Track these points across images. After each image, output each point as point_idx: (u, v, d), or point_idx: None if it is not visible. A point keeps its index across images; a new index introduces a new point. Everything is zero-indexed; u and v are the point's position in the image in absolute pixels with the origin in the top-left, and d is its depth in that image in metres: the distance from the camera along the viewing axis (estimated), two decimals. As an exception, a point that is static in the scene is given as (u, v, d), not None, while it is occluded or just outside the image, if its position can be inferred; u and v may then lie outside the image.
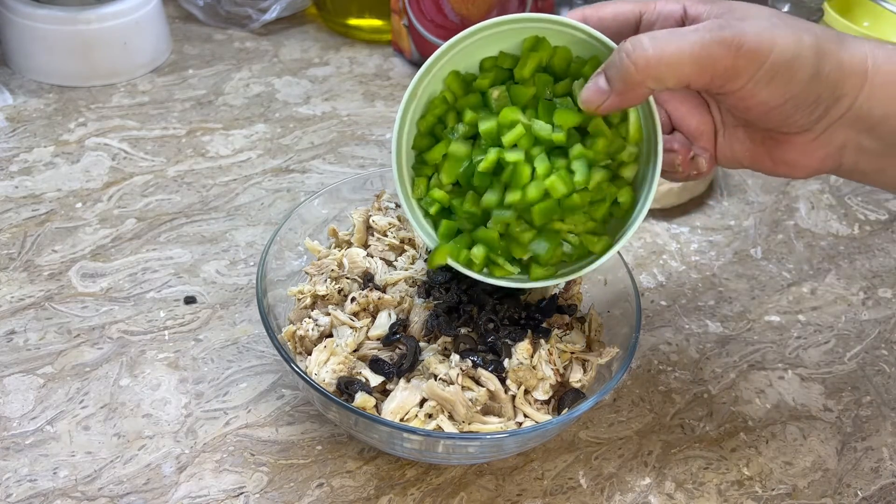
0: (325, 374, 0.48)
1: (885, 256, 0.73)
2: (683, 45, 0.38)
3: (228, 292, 0.62)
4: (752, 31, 0.39)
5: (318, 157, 0.76)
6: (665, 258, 0.69)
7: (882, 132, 0.42)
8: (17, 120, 0.76)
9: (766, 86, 0.40)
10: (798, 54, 0.39)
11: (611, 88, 0.41)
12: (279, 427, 0.53)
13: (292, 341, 0.51)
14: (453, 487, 0.51)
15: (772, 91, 0.40)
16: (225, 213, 0.69)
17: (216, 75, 0.85)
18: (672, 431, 0.56)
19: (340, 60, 0.90)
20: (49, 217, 0.66)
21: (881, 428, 0.58)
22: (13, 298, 0.59)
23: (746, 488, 0.53)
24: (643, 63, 0.39)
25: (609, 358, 0.52)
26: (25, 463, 0.49)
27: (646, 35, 0.39)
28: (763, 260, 0.71)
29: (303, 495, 0.49)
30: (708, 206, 0.76)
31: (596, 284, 0.57)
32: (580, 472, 0.53)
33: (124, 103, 0.80)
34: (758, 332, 0.64)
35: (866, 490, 0.53)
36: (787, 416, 0.58)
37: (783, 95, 0.40)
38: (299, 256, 0.57)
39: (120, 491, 0.48)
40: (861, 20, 0.95)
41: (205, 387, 0.55)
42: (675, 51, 0.38)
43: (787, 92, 0.40)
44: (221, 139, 0.77)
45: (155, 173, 0.72)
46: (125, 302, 0.60)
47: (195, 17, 0.93)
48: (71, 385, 0.54)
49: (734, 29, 0.39)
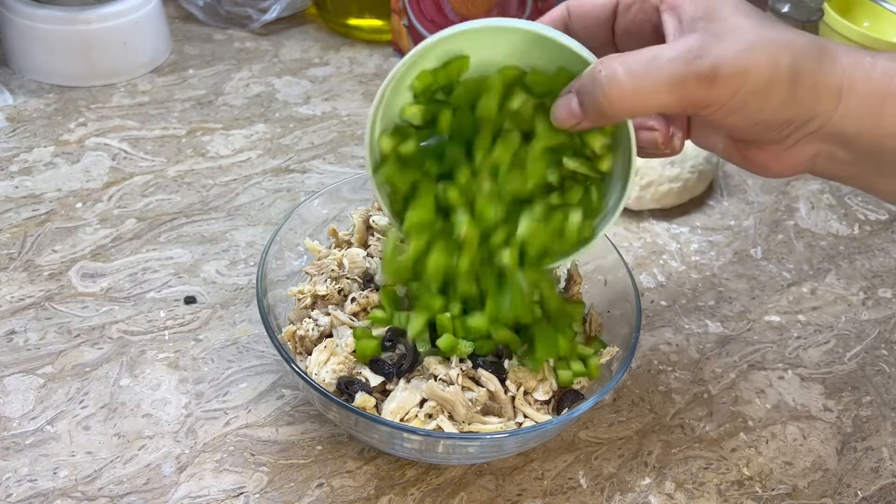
0: (326, 374, 0.48)
1: (885, 256, 0.73)
2: (658, 81, 0.38)
3: (228, 292, 0.62)
4: (728, 56, 0.37)
5: (319, 157, 0.76)
6: (665, 258, 0.69)
7: (855, 147, 0.41)
8: (17, 120, 0.76)
9: (737, 112, 0.39)
10: (772, 81, 0.38)
11: (583, 114, 0.41)
12: (279, 427, 0.53)
13: (292, 341, 0.51)
14: (453, 487, 0.51)
15: (741, 116, 0.39)
16: (225, 213, 0.69)
17: (216, 75, 0.85)
18: (672, 431, 0.56)
19: (340, 60, 0.90)
20: (49, 217, 0.66)
21: (881, 428, 0.58)
22: (13, 298, 0.59)
23: (746, 488, 0.53)
24: (617, 100, 0.38)
25: (609, 358, 0.52)
26: (25, 463, 0.49)
27: (620, 64, 0.38)
28: (763, 260, 0.71)
29: (303, 495, 0.49)
30: (708, 206, 0.76)
31: (596, 284, 0.57)
32: (580, 472, 0.53)
33: (124, 103, 0.80)
34: (758, 332, 0.64)
35: (866, 490, 0.53)
36: (787, 416, 0.58)
37: (753, 120, 0.40)
38: (299, 256, 0.57)
39: (120, 491, 0.48)
40: (861, 20, 0.95)
41: (205, 387, 0.55)
42: (650, 88, 0.38)
43: (757, 117, 0.40)
44: (221, 139, 0.77)
45: (155, 173, 0.72)
46: (125, 302, 0.60)
47: (195, 17, 0.93)
48: (71, 385, 0.54)
49: (710, 57, 0.37)
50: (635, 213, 0.73)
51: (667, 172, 0.71)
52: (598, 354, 0.52)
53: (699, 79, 0.37)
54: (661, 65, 0.38)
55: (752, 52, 0.38)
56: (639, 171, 0.68)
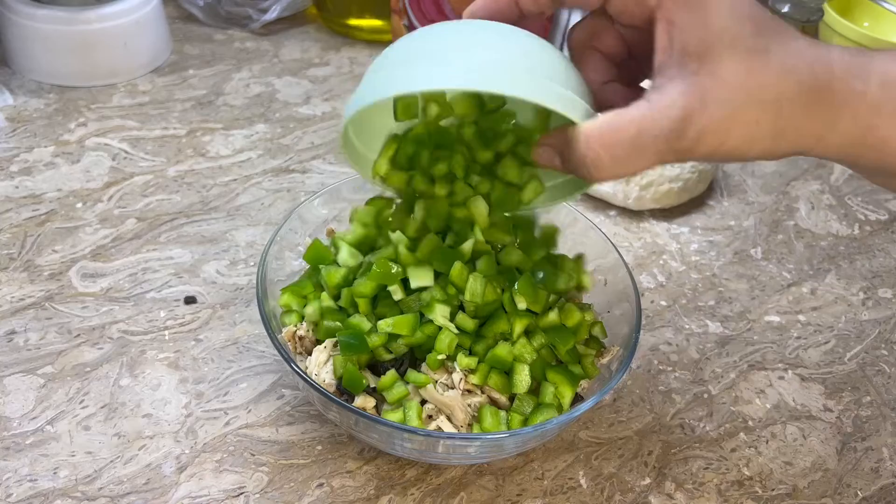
0: (326, 374, 0.48)
1: (885, 256, 0.73)
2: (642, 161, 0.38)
3: (228, 292, 0.62)
4: (711, 125, 0.37)
5: (319, 158, 0.76)
6: (665, 258, 0.69)
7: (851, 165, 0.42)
8: (18, 120, 0.76)
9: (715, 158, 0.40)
10: (749, 150, 0.38)
11: (564, 169, 0.41)
12: (279, 427, 0.53)
13: (292, 341, 0.51)
14: (453, 487, 0.51)
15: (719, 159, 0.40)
16: (225, 213, 0.69)
17: (216, 75, 0.85)
18: (672, 431, 0.56)
19: (341, 60, 0.90)
20: (49, 217, 0.66)
21: (881, 428, 0.58)
22: (13, 298, 0.59)
23: (746, 488, 0.53)
24: (599, 175, 0.39)
25: (609, 358, 0.52)
26: (26, 463, 0.49)
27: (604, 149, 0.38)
28: (763, 260, 0.71)
29: (303, 495, 0.49)
30: (708, 207, 0.76)
31: (596, 284, 0.57)
32: (580, 472, 0.53)
33: (125, 103, 0.80)
34: (758, 332, 0.64)
35: (866, 490, 0.54)
36: (787, 416, 0.58)
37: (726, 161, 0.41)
38: (299, 256, 0.57)
39: (120, 491, 0.48)
40: (861, 20, 0.95)
41: (205, 387, 0.55)
42: (633, 166, 0.38)
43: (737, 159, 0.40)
44: (222, 139, 0.77)
45: (155, 173, 0.72)
46: (125, 302, 0.60)
47: (195, 17, 0.93)
48: (71, 385, 0.54)
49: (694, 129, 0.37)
50: (635, 213, 0.73)
51: (667, 172, 0.71)
52: (600, 354, 0.52)
53: (681, 152, 0.38)
54: (645, 144, 0.38)
55: (735, 118, 0.37)
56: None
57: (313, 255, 0.53)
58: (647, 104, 0.38)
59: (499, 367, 0.48)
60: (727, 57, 0.37)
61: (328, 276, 0.51)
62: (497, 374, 0.48)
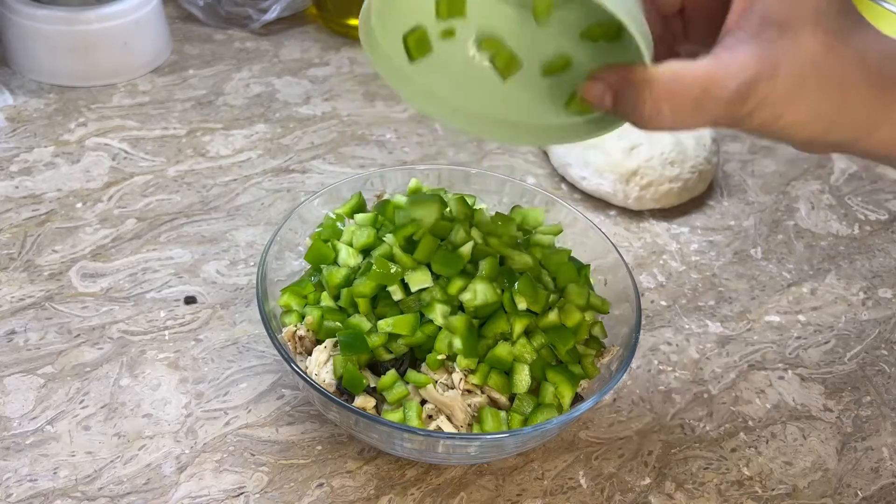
0: (326, 374, 0.48)
1: (885, 256, 0.73)
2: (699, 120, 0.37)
3: (228, 292, 0.62)
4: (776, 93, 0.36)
5: (319, 158, 0.76)
6: (665, 258, 0.69)
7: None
8: (18, 120, 0.76)
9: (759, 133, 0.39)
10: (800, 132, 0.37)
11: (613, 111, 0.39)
12: (279, 427, 0.53)
13: (292, 341, 0.51)
14: (453, 487, 0.51)
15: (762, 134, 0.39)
16: (225, 213, 0.69)
17: (216, 75, 0.85)
18: (672, 431, 0.56)
19: (340, 60, 0.90)
20: (49, 217, 0.66)
21: (881, 428, 0.58)
22: (13, 298, 0.59)
23: (746, 488, 0.53)
24: (653, 126, 0.37)
25: (609, 358, 0.52)
26: (26, 463, 0.49)
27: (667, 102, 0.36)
28: (763, 260, 0.71)
29: (303, 495, 0.49)
30: (708, 207, 0.76)
31: (596, 284, 0.57)
32: (580, 472, 0.53)
33: (124, 103, 0.80)
34: (758, 332, 0.64)
35: (866, 490, 0.54)
36: (787, 416, 0.58)
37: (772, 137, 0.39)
38: (299, 256, 0.57)
39: (120, 491, 0.48)
40: (861, 20, 0.95)
41: (205, 387, 0.55)
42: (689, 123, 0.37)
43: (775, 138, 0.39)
44: (221, 139, 0.77)
45: (155, 173, 0.72)
46: (125, 302, 0.60)
47: (195, 17, 0.93)
48: (71, 385, 0.54)
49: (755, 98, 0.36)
50: (635, 213, 0.73)
51: (667, 172, 0.71)
52: (600, 354, 0.52)
53: (736, 119, 0.37)
54: (707, 104, 0.36)
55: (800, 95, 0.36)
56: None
57: (314, 255, 0.53)
58: (715, 61, 0.36)
59: (499, 367, 0.48)
60: (809, 31, 0.36)
61: (329, 276, 0.51)
62: (497, 374, 0.48)
